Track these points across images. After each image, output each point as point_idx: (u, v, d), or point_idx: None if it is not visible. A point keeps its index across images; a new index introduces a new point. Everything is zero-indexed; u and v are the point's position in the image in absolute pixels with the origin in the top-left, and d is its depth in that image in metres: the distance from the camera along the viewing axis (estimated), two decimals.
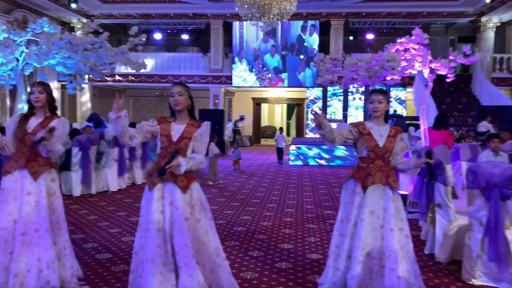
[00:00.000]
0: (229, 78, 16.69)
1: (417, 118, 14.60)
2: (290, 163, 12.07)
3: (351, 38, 17.06)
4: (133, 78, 16.78)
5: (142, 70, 8.94)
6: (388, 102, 3.13)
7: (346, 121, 15.40)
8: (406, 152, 3.24)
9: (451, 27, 18.18)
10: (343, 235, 3.07)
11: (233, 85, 16.84)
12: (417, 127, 11.41)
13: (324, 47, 16.62)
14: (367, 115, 3.36)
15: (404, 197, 5.88)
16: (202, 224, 2.83)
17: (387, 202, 2.95)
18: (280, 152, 12.37)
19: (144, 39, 8.23)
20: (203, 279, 2.74)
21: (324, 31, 16.82)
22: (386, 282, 2.85)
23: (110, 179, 7.52)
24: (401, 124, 11.86)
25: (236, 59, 16.58)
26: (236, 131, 17.84)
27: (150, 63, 16.18)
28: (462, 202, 4.15)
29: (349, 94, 16.26)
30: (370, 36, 16.53)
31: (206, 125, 2.92)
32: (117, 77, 16.47)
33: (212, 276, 2.86)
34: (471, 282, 3.42)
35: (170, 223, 2.73)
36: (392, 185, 2.96)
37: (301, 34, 16.49)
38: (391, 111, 15.42)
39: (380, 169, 2.98)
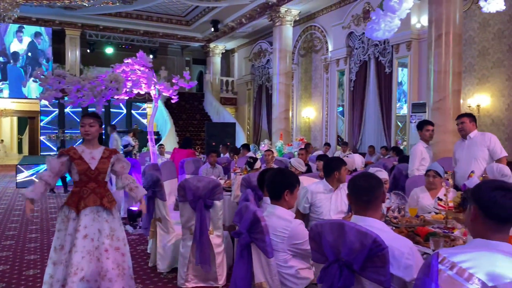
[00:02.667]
0: None
1: (158, 133, 15.39)
2: (19, 185, 10.58)
3: (88, 50, 16.49)
4: None
5: None
6: (101, 125, 3.20)
7: None
8: (128, 169, 3.34)
9: (186, 49, 20.04)
10: (57, 264, 2.96)
11: None
12: (157, 141, 12.01)
13: (59, 57, 15.47)
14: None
15: (138, 213, 6.09)
16: None
17: (102, 224, 3.00)
18: None
19: None
20: None
21: (60, 40, 15.66)
22: None
23: None
24: (143, 137, 12.24)
25: None
26: None
27: None
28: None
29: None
30: (109, 50, 16.40)
31: None
32: None
33: None
34: (185, 286, 3.82)
35: None
36: (106, 206, 3.02)
37: (34, 40, 14.88)
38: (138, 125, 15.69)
39: (94, 192, 3.00)
